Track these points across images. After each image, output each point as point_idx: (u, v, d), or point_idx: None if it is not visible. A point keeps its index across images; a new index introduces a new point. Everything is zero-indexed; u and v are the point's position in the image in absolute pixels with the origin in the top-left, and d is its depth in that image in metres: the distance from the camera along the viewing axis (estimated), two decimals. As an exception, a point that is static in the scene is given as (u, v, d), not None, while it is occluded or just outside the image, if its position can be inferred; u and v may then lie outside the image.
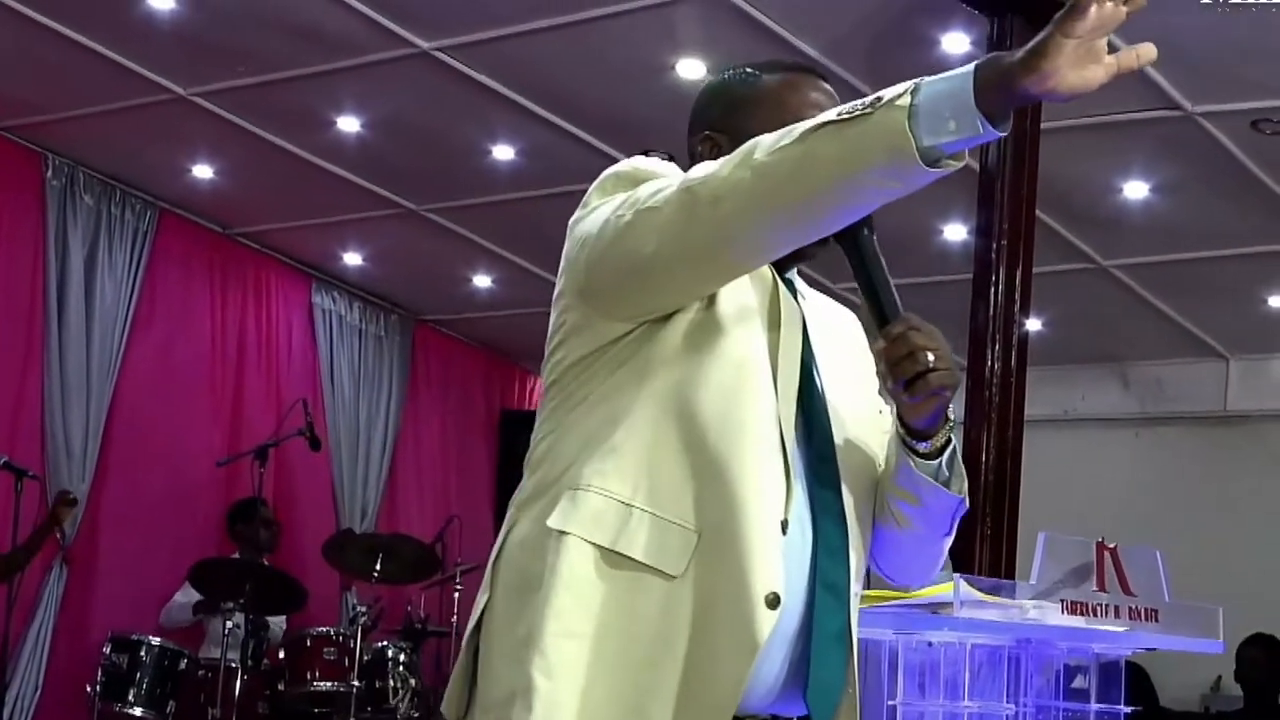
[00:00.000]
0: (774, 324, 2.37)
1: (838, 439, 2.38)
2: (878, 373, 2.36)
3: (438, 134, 8.06)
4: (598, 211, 2.32)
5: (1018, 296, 6.04)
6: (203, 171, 8.94)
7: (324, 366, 10.53)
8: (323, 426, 10.03)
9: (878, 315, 2.33)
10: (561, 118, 7.69)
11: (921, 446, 2.36)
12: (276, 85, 7.62)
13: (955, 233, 8.48)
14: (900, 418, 2.37)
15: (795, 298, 2.46)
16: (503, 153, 8.17)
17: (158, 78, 7.68)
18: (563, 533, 2.24)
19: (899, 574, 2.53)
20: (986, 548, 5.70)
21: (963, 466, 2.44)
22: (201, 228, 9.75)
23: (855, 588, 2.35)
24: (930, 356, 2.27)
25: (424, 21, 7.00)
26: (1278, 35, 6.28)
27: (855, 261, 2.36)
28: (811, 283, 2.59)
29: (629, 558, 2.22)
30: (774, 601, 2.22)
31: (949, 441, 2.39)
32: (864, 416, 2.47)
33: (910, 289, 3.47)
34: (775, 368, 2.33)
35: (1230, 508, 9.92)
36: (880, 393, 2.49)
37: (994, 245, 6.05)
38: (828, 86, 2.49)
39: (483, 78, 7.35)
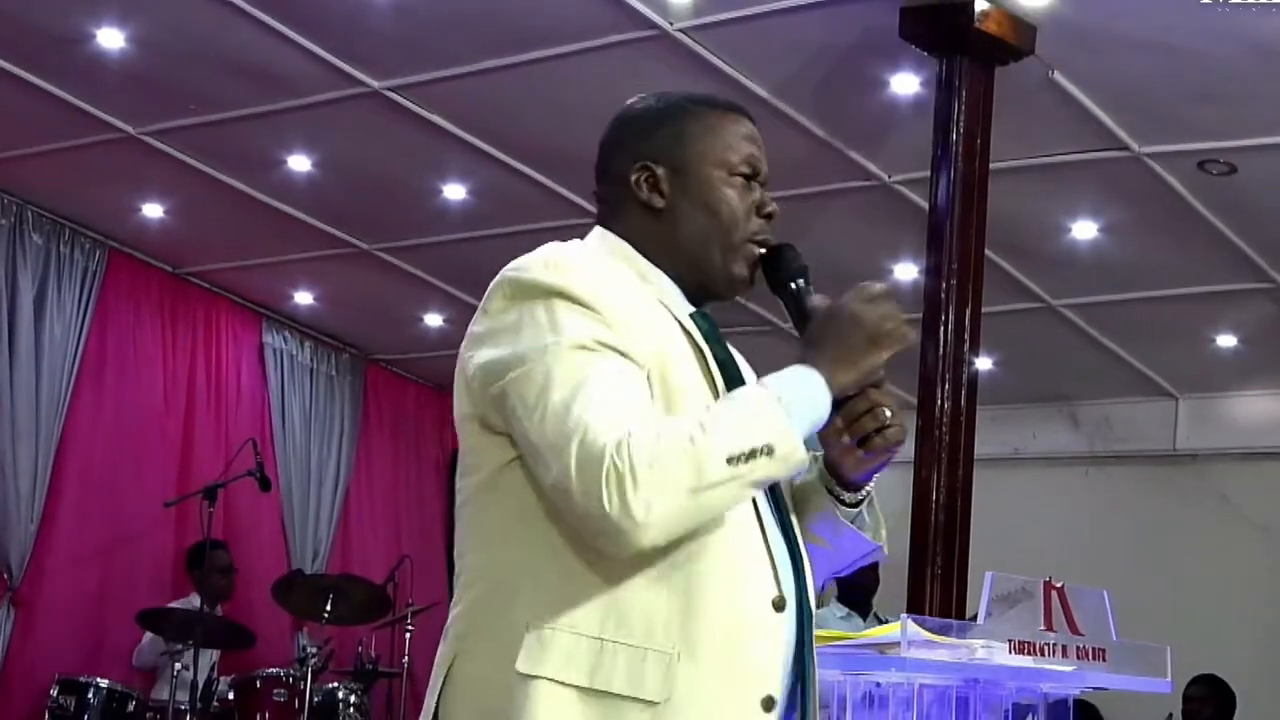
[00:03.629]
0: (716, 392, 2.33)
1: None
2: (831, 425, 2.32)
3: (389, 173, 8.06)
4: (523, 375, 2.21)
5: (967, 336, 6.06)
6: (153, 211, 8.90)
7: (275, 406, 10.48)
8: (273, 466, 9.98)
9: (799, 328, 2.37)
10: (513, 157, 7.70)
11: (848, 496, 2.38)
12: (227, 125, 7.62)
13: (906, 272, 8.52)
14: (831, 468, 2.38)
15: (721, 343, 2.44)
16: (454, 192, 8.18)
17: (108, 117, 7.66)
18: (534, 677, 2.16)
19: None
20: (937, 586, 5.71)
21: (880, 513, 2.45)
22: (151, 267, 9.71)
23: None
24: (888, 413, 2.30)
25: (375, 61, 7.01)
26: (1223, 77, 6.34)
27: (793, 312, 2.44)
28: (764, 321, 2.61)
29: (608, 693, 2.16)
30: (769, 704, 2.22)
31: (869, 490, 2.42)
32: None
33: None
34: None
35: (1179, 546, 9.95)
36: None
37: (944, 285, 6.08)
38: (754, 126, 2.51)
39: (434, 117, 7.36)
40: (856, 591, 8.50)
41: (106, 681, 8.23)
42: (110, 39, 6.96)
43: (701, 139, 2.44)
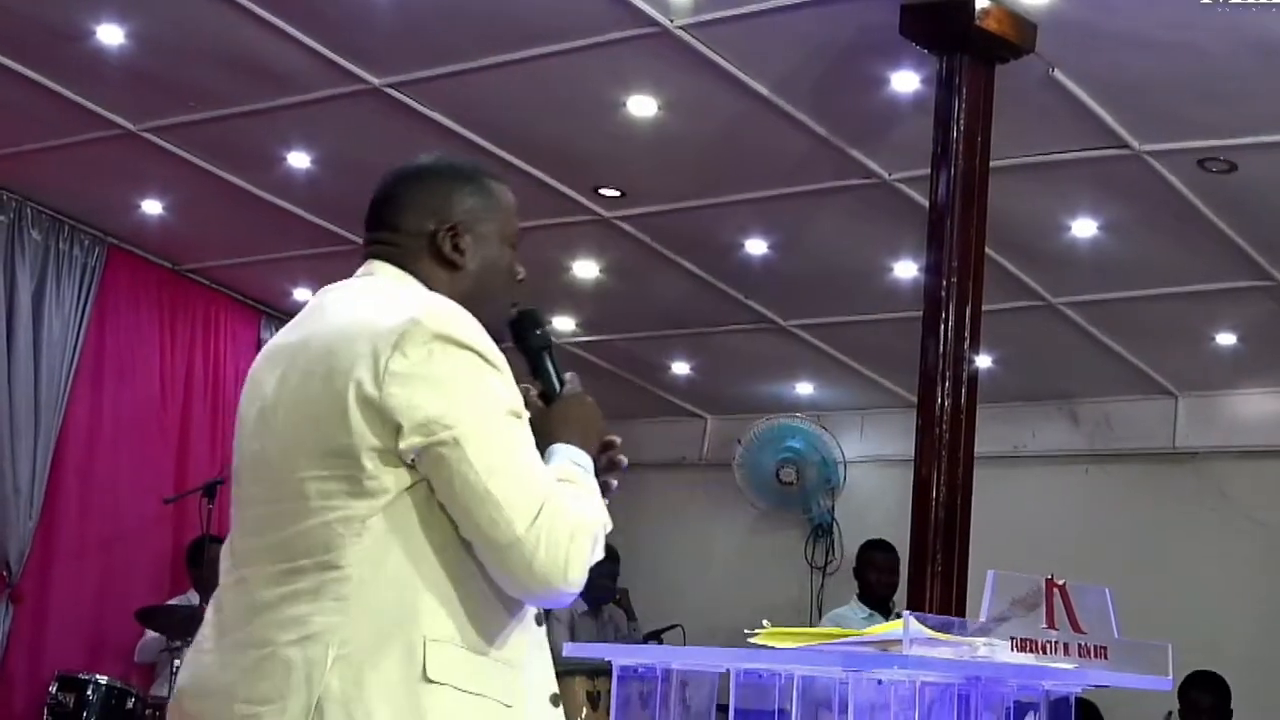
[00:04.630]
0: None
1: None
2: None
3: (388, 170, 8.02)
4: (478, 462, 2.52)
5: (967, 334, 6.05)
6: (152, 207, 8.90)
7: (274, 403, 10.46)
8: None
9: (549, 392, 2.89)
10: (511, 153, 7.68)
11: None
12: (227, 121, 7.61)
13: (905, 270, 8.51)
14: None
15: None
16: (453, 189, 8.15)
17: (107, 113, 7.66)
18: (442, 684, 2.49)
19: None
20: (937, 585, 5.70)
21: None
22: (150, 263, 9.71)
23: None
24: (623, 459, 2.89)
25: (375, 58, 7.01)
26: (1224, 75, 6.33)
27: (542, 377, 2.92)
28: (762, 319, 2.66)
29: (487, 697, 2.53)
30: (556, 700, 2.70)
31: None
32: None
33: (861, 326, 3.51)
34: None
35: (1178, 544, 9.95)
36: None
37: (944, 283, 6.06)
38: None
39: (434, 114, 7.35)
40: (874, 593, 8.53)
41: (106, 678, 8.25)
42: (110, 35, 6.95)
43: (500, 213, 2.87)
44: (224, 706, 2.54)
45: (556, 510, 2.50)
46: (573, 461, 2.69)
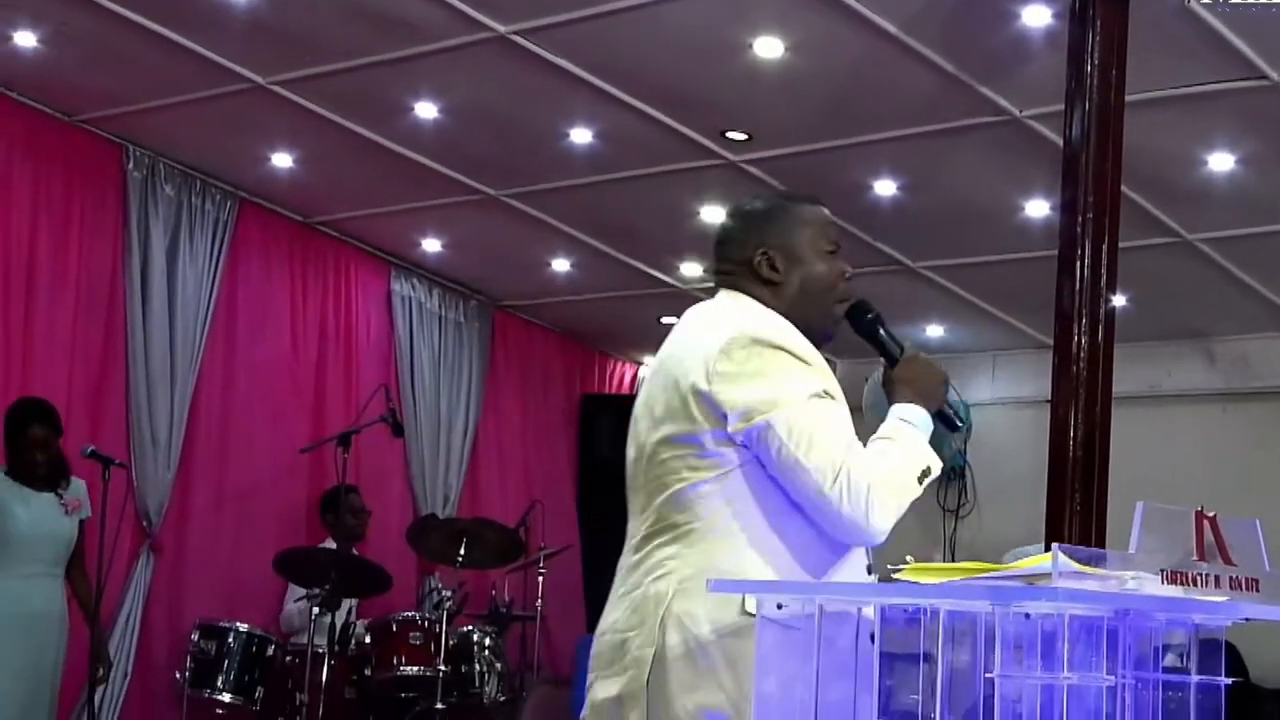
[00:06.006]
0: None
1: None
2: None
3: (514, 118, 8.05)
4: (772, 419, 3.19)
5: (1104, 272, 5.95)
6: (282, 160, 8.97)
7: (403, 353, 10.56)
8: (402, 412, 10.06)
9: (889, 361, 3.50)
10: (638, 99, 7.67)
11: None
12: (354, 72, 7.64)
13: (1037, 209, 8.41)
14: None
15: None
16: (580, 136, 8.16)
17: (236, 67, 7.71)
18: (753, 615, 3.00)
19: None
20: (1076, 523, 5.64)
21: None
22: (281, 216, 9.80)
23: None
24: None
25: (500, 5, 7.00)
26: (1366, 1, 6.19)
27: (882, 352, 3.51)
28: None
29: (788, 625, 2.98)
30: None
31: None
32: None
33: (992, 267, 3.51)
34: None
35: (1320, 482, 9.80)
36: None
37: (1079, 220, 5.97)
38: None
39: (559, 60, 7.34)
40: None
41: (246, 626, 8.35)
42: (238, -12, 7.01)
43: (805, 229, 3.49)
44: (610, 638, 3.31)
45: (855, 468, 3.12)
46: (900, 419, 3.30)
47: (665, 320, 9.43)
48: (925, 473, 3.23)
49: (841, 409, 3.26)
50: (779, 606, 2.93)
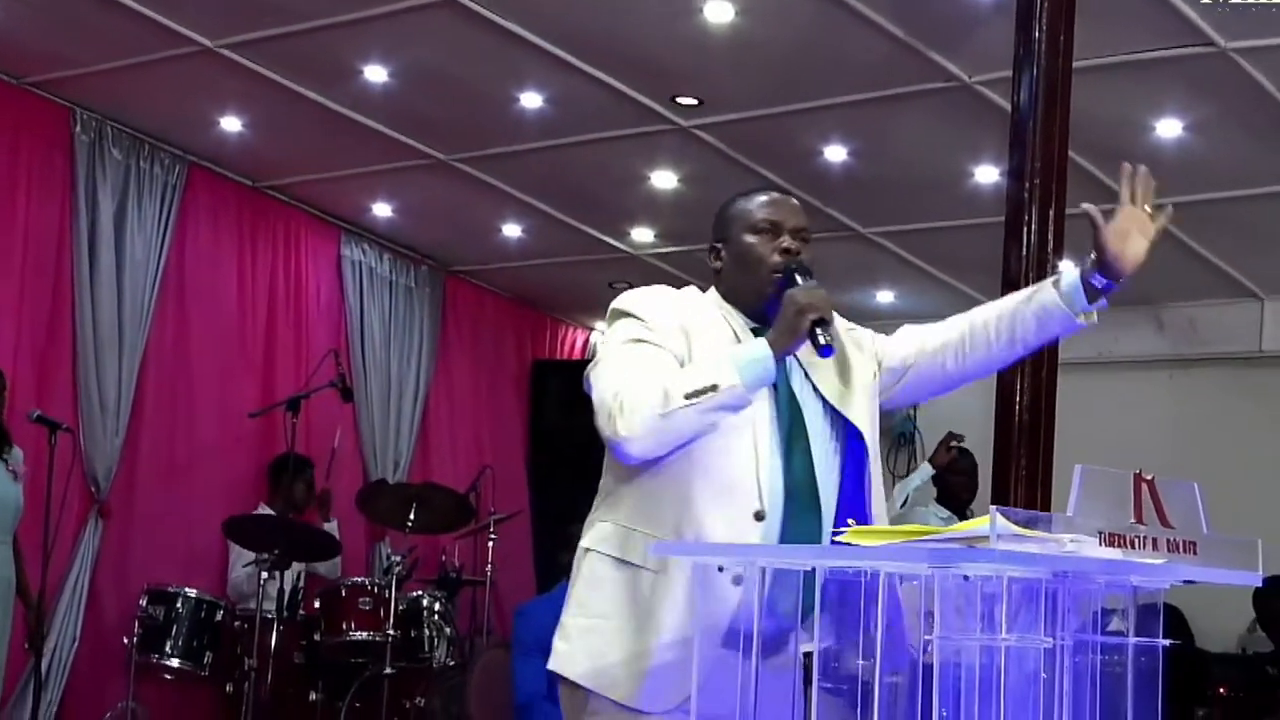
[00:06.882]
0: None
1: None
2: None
3: (465, 82, 8.03)
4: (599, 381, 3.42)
5: (1051, 238, 5.96)
6: (231, 124, 8.92)
7: (354, 318, 10.54)
8: (353, 378, 10.05)
9: None
10: (589, 64, 7.65)
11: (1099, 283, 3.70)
12: (303, 35, 7.59)
13: (987, 175, 8.44)
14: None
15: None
16: (530, 100, 8.14)
17: (185, 30, 7.66)
18: (589, 550, 3.52)
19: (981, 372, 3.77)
20: (1021, 488, 5.66)
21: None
22: (230, 181, 9.75)
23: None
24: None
25: (450, -32, 6.97)
26: (1312, -31, 6.21)
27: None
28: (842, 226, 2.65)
29: (630, 562, 3.43)
30: (737, 580, 3.25)
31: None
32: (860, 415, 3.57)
33: (942, 233, 3.52)
34: (755, 428, 3.42)
35: (1265, 449, 9.87)
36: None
37: (1027, 186, 5.97)
38: (793, 201, 3.70)
39: (510, 24, 7.31)
40: (954, 496, 8.53)
41: (195, 591, 8.34)
42: (185, -50, 6.96)
43: (736, 223, 3.65)
44: None
45: (615, 387, 3.32)
46: (727, 356, 3.34)
47: (616, 285, 9.46)
48: (702, 390, 3.25)
49: (654, 349, 3.42)
50: (721, 569, 3.04)
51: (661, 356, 3.40)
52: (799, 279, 3.46)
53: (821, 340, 3.33)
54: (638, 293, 3.57)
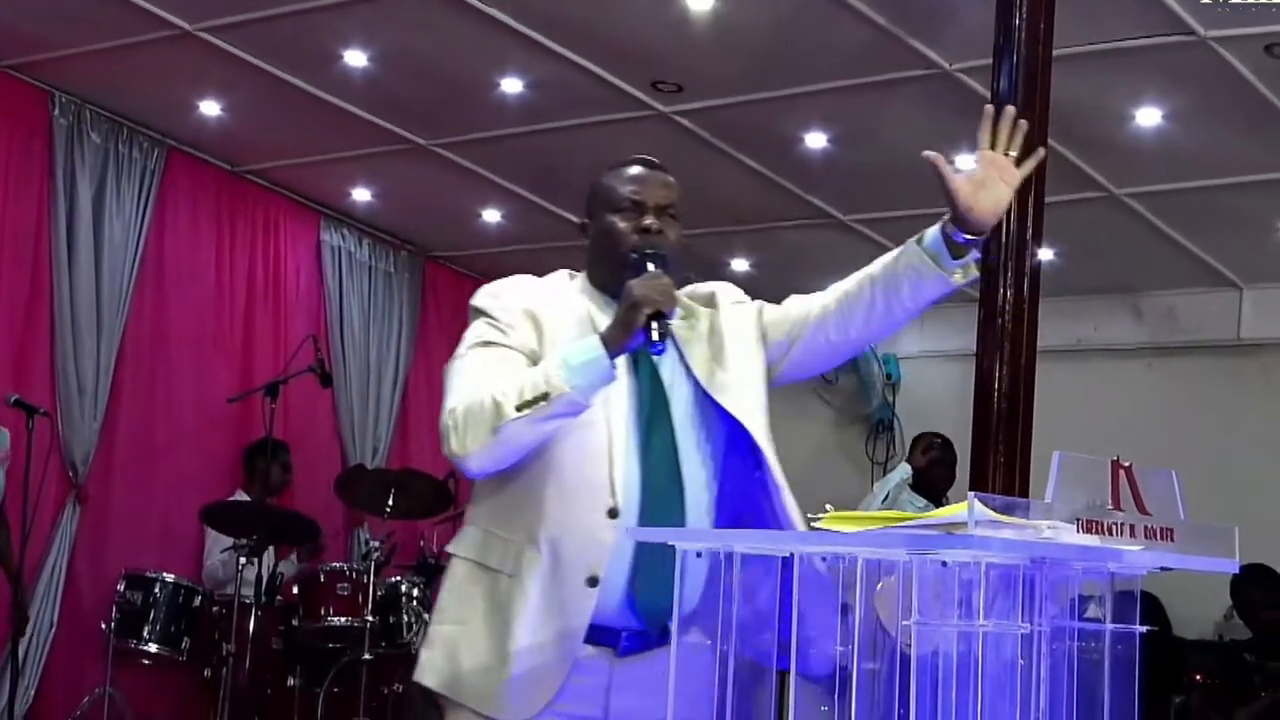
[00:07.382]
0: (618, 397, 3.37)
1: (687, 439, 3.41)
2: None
3: (445, 67, 8.01)
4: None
5: (1030, 225, 5.98)
6: (210, 108, 8.89)
7: (333, 303, 10.51)
8: (332, 363, 10.03)
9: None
10: (569, 49, 7.64)
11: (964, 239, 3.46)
12: (283, 19, 7.57)
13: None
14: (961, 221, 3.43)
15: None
16: (511, 86, 8.13)
17: (164, 13, 7.63)
18: (453, 555, 3.50)
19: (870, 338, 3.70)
20: (1000, 476, 5.68)
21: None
22: (210, 165, 9.73)
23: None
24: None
25: (430, -47, 6.96)
26: (1292, -42, 6.22)
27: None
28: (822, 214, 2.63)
29: (488, 566, 3.38)
30: (593, 582, 3.28)
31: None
32: (740, 389, 3.45)
33: (922, 220, 3.51)
34: (611, 421, 3.34)
35: (1243, 438, 9.90)
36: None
37: (1006, 174, 5.98)
38: (663, 175, 3.56)
39: (490, 9, 7.30)
40: (931, 485, 8.55)
41: (173, 576, 8.33)
42: (164, -67, 6.94)
43: (603, 195, 3.54)
44: None
45: (457, 403, 3.31)
46: (560, 360, 3.22)
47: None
48: (533, 401, 3.19)
49: (500, 351, 3.40)
50: (699, 554, 2.87)
51: (508, 358, 3.36)
52: (649, 266, 3.32)
53: (655, 336, 3.19)
54: (493, 286, 3.52)
